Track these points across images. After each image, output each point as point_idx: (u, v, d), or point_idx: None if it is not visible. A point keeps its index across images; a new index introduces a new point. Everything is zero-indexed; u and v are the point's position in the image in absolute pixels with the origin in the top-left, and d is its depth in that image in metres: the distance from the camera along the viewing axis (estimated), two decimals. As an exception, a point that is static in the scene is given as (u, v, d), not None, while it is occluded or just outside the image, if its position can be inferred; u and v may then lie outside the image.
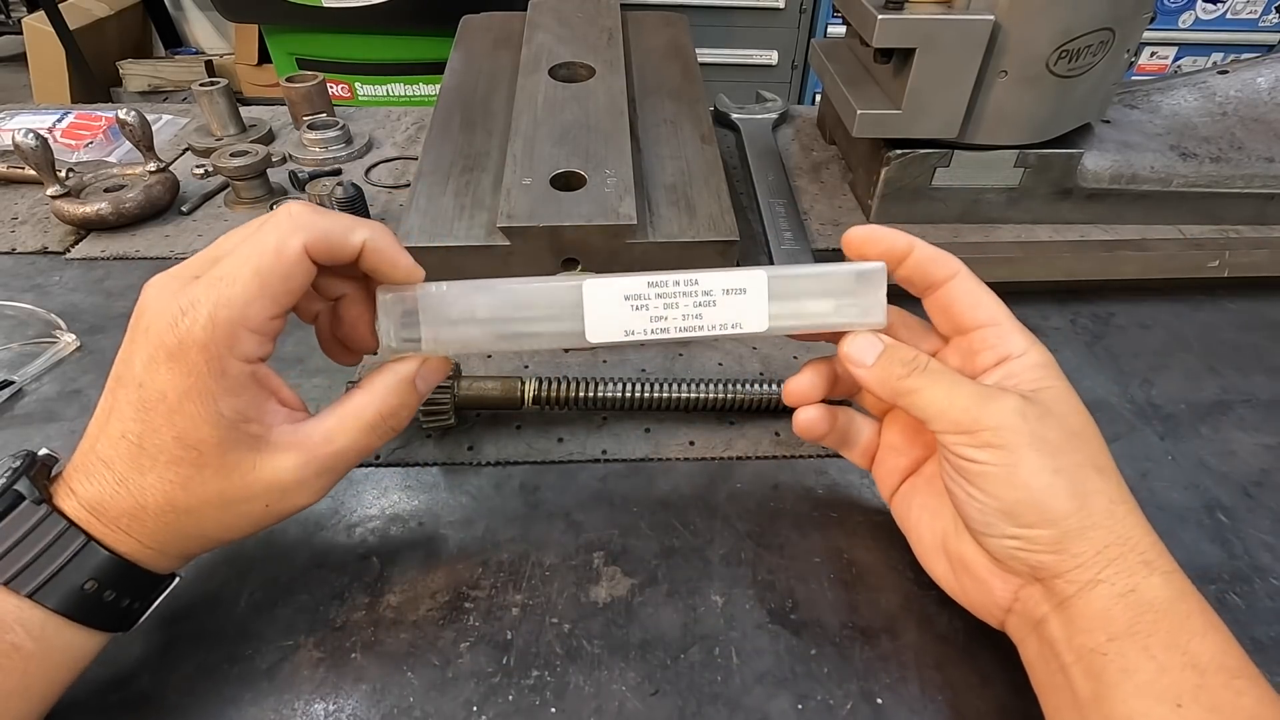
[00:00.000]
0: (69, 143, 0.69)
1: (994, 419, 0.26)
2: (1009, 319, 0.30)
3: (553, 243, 0.47)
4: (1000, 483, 0.26)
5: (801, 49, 2.00)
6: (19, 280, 0.53)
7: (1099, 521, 0.26)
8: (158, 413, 0.25)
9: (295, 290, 0.27)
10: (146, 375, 0.25)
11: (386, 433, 0.29)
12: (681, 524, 0.37)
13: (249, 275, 0.25)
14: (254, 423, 0.27)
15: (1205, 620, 0.25)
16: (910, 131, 0.54)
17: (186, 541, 0.27)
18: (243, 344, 0.26)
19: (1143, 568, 0.25)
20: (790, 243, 0.55)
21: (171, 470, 0.25)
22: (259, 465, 0.26)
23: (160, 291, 0.26)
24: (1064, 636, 0.26)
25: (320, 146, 0.67)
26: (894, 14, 0.49)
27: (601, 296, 0.28)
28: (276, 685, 0.30)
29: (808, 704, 0.30)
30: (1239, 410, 0.45)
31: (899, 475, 0.34)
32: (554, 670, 0.31)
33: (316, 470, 0.28)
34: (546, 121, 0.54)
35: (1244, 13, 1.98)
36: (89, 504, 0.26)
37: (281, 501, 0.27)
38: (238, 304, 0.25)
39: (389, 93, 1.82)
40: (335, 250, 0.27)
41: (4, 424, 0.42)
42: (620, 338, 0.28)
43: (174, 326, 0.25)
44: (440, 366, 0.30)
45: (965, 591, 0.30)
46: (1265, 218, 0.60)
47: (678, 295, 0.28)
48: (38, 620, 0.25)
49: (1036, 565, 0.26)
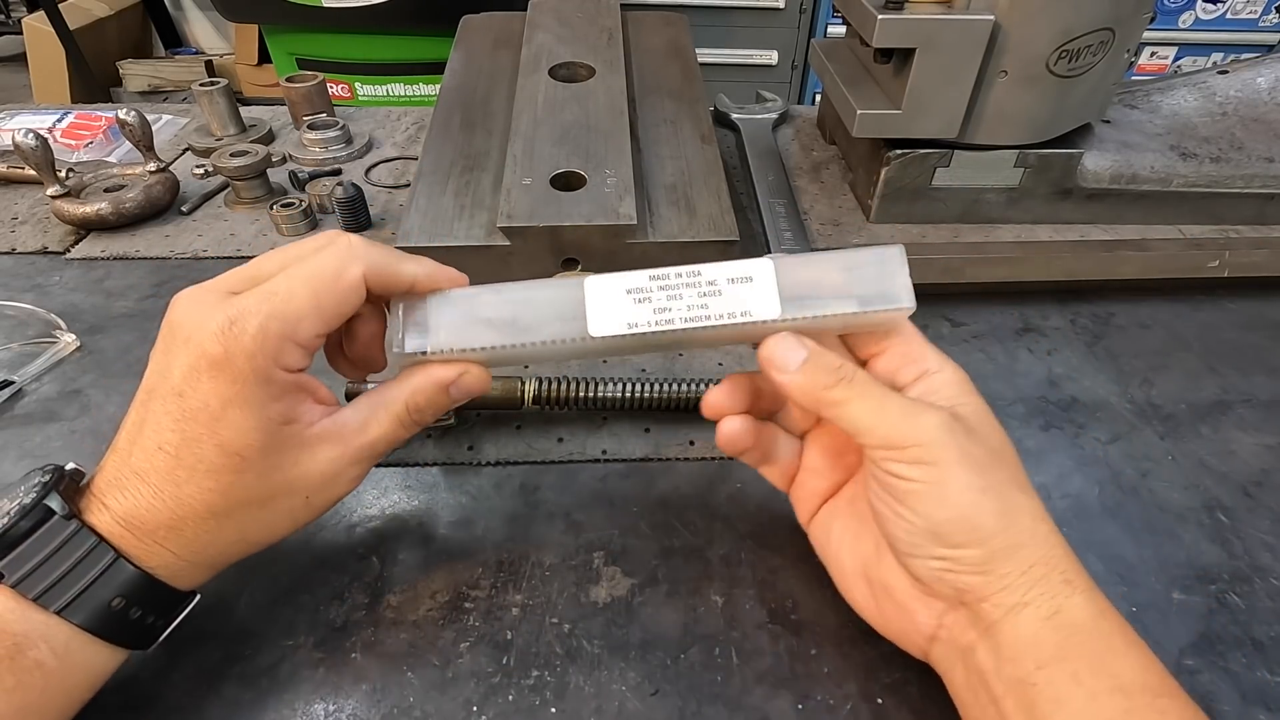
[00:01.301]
0: (69, 143, 0.69)
1: (924, 434, 0.26)
2: (920, 337, 0.29)
3: (553, 243, 0.47)
4: (929, 500, 0.26)
5: (801, 49, 2.00)
6: (19, 280, 0.53)
7: (1025, 540, 0.25)
8: (199, 422, 0.25)
9: (345, 314, 0.28)
10: (187, 385, 0.25)
11: (412, 426, 0.30)
12: (681, 524, 0.37)
13: (306, 293, 0.26)
14: (295, 423, 0.27)
15: (1125, 638, 0.25)
16: (910, 131, 0.54)
17: (225, 547, 0.28)
18: (288, 356, 0.26)
19: (1065, 587, 0.25)
20: (790, 243, 0.55)
21: (211, 479, 0.26)
22: (300, 460, 0.27)
23: (197, 304, 0.26)
24: (993, 666, 0.25)
25: (320, 146, 0.67)
26: (894, 14, 0.49)
27: (603, 291, 0.28)
28: (276, 685, 0.30)
29: (808, 704, 0.30)
30: (1239, 410, 0.45)
31: (818, 499, 0.33)
32: (554, 670, 0.31)
33: (352, 459, 0.28)
34: (546, 121, 0.54)
35: (1244, 13, 1.98)
36: (123, 518, 0.26)
37: (321, 493, 0.28)
38: (291, 318, 0.26)
39: (389, 93, 1.82)
40: (388, 283, 0.28)
41: (4, 424, 0.42)
42: (623, 330, 0.27)
43: (221, 335, 0.25)
44: (479, 379, 0.29)
45: (887, 619, 0.30)
46: (1265, 218, 0.60)
47: (681, 287, 0.28)
48: (63, 637, 0.25)
49: (963, 588, 0.26)
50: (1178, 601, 0.34)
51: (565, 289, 0.28)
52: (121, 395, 0.44)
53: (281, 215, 0.57)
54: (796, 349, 0.27)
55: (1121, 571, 0.36)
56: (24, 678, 0.24)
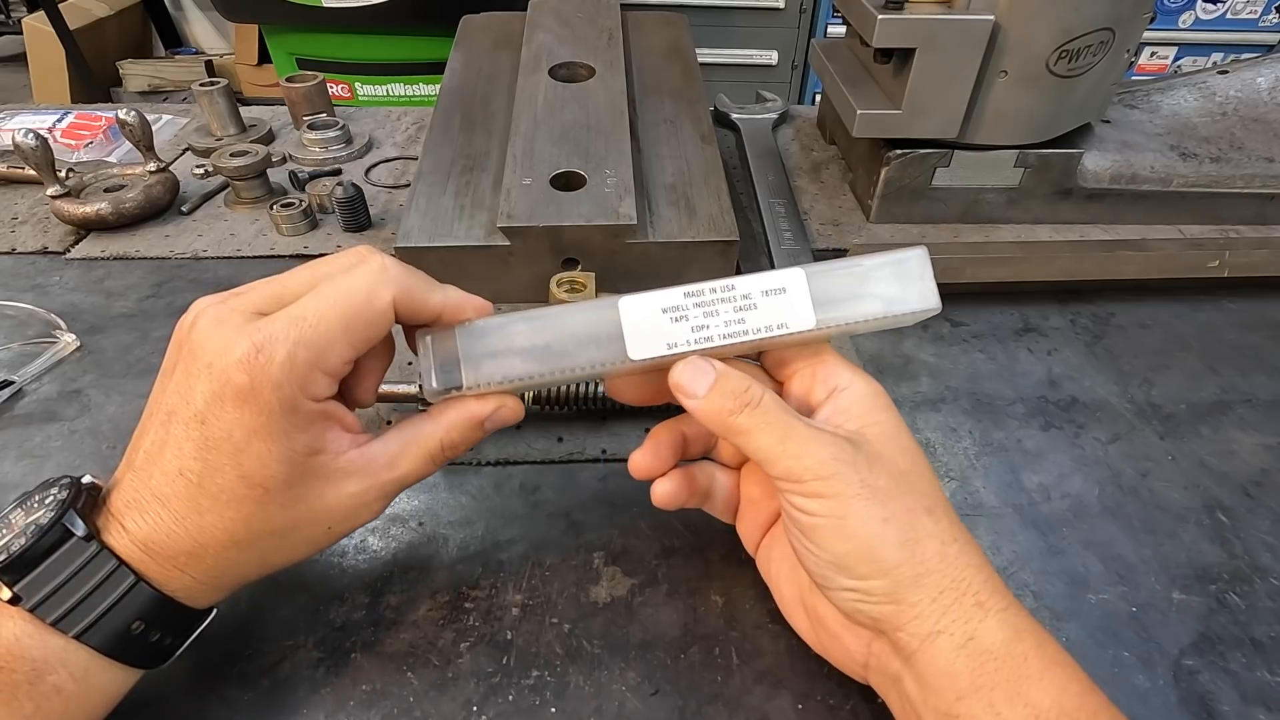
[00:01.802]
0: (69, 143, 0.69)
1: (823, 468, 0.25)
2: (832, 353, 0.29)
3: (553, 243, 0.47)
4: (830, 534, 0.25)
5: (801, 49, 2.00)
6: (19, 280, 0.53)
7: (932, 567, 0.25)
8: (222, 452, 0.24)
9: (373, 340, 0.27)
10: (210, 413, 0.24)
11: (444, 462, 0.29)
12: (681, 524, 0.37)
13: (335, 318, 0.25)
14: (321, 454, 0.26)
15: (1042, 660, 0.24)
16: (910, 131, 0.54)
17: (245, 571, 0.27)
18: (316, 385, 0.25)
19: (977, 610, 0.24)
20: (790, 243, 0.55)
21: (233, 509, 0.25)
22: (325, 493, 0.26)
23: (220, 325, 0.25)
24: (919, 697, 0.25)
25: (320, 146, 0.67)
26: (894, 14, 0.49)
27: (638, 311, 0.27)
28: (277, 685, 0.30)
29: (808, 704, 0.30)
30: (1239, 410, 0.45)
31: (760, 529, 0.32)
32: (554, 670, 0.31)
33: (379, 493, 0.28)
34: (546, 121, 0.54)
35: (1244, 13, 1.98)
36: (142, 542, 0.25)
37: (343, 523, 0.28)
38: (320, 346, 0.25)
39: (389, 93, 1.82)
40: (417, 309, 0.27)
41: (4, 424, 0.42)
42: (664, 351, 0.27)
43: (246, 364, 0.24)
44: (514, 411, 0.29)
45: (825, 647, 0.30)
46: (1265, 218, 0.60)
47: (716, 303, 0.27)
48: (82, 662, 0.25)
49: (878, 617, 0.25)
50: (1178, 601, 0.34)
51: (599, 311, 0.27)
52: (121, 395, 0.44)
53: (281, 215, 0.57)
54: (703, 373, 0.27)
55: (1121, 571, 0.36)
56: (43, 703, 0.24)
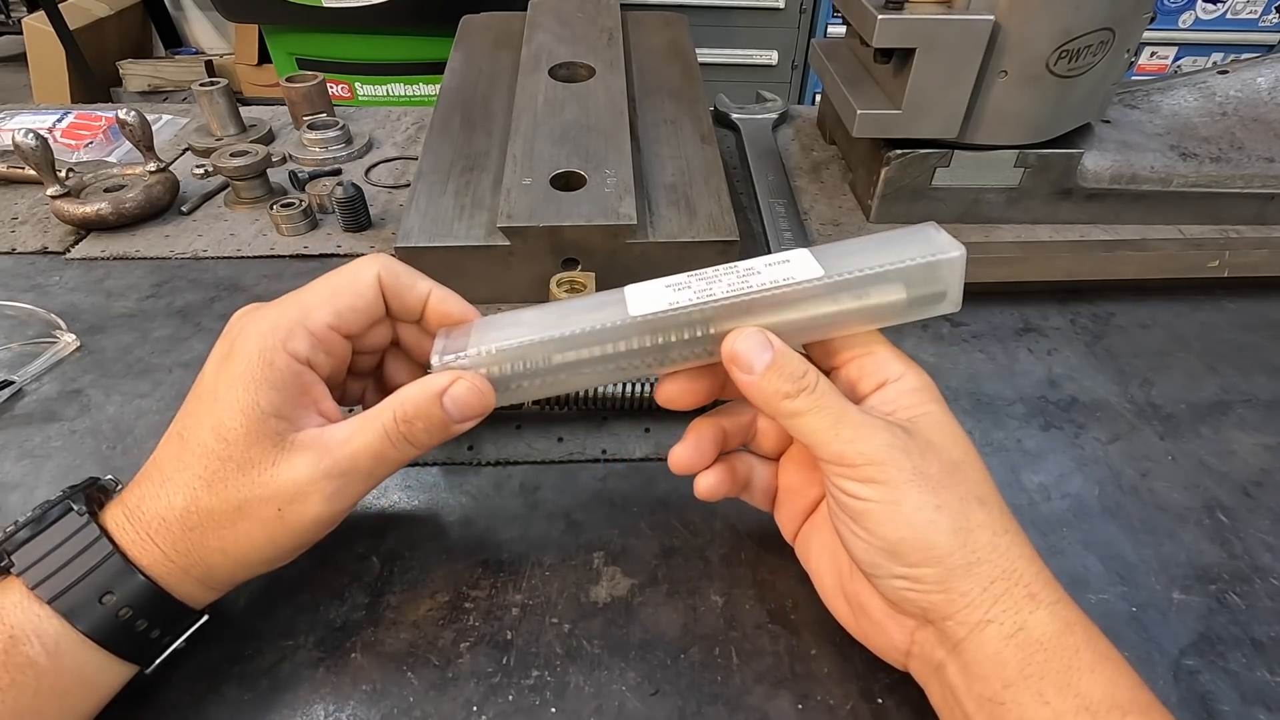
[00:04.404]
0: (69, 143, 0.69)
1: (876, 453, 0.25)
2: (884, 344, 0.29)
3: (553, 243, 0.47)
4: (881, 520, 0.25)
5: (801, 49, 2.00)
6: (19, 280, 0.53)
7: (984, 556, 0.25)
8: (204, 402, 0.27)
9: (361, 311, 0.29)
10: (210, 369, 0.28)
11: (401, 442, 0.28)
12: (681, 524, 0.37)
13: (322, 286, 0.29)
14: (284, 420, 0.27)
15: (1094, 653, 0.24)
16: (910, 131, 0.54)
17: (208, 557, 0.27)
18: (296, 340, 0.28)
19: (1028, 601, 0.25)
20: (790, 243, 0.55)
21: (201, 464, 0.26)
22: (278, 462, 0.27)
23: (245, 309, 0.29)
24: (963, 685, 0.25)
25: (320, 146, 0.67)
26: (894, 14, 0.49)
27: (642, 289, 0.29)
28: (277, 685, 0.30)
29: (808, 704, 0.30)
30: (1239, 410, 0.45)
31: (800, 517, 0.33)
32: (554, 670, 0.31)
33: (328, 470, 0.27)
34: (546, 121, 0.54)
35: (1244, 13, 1.98)
36: (128, 508, 0.27)
37: (292, 506, 0.27)
38: (305, 305, 0.28)
39: (389, 93, 1.82)
40: (402, 292, 0.30)
41: (4, 424, 0.42)
42: (664, 306, 0.27)
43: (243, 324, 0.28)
44: (476, 390, 0.28)
45: (865, 634, 0.30)
46: (1265, 218, 0.60)
47: (719, 276, 0.28)
48: (52, 633, 0.25)
49: (926, 606, 0.25)
50: (1178, 601, 0.34)
51: (607, 294, 0.29)
52: (121, 395, 0.44)
53: (281, 215, 0.57)
54: (762, 347, 0.27)
55: (1121, 571, 0.36)
56: (17, 675, 0.24)
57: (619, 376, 0.29)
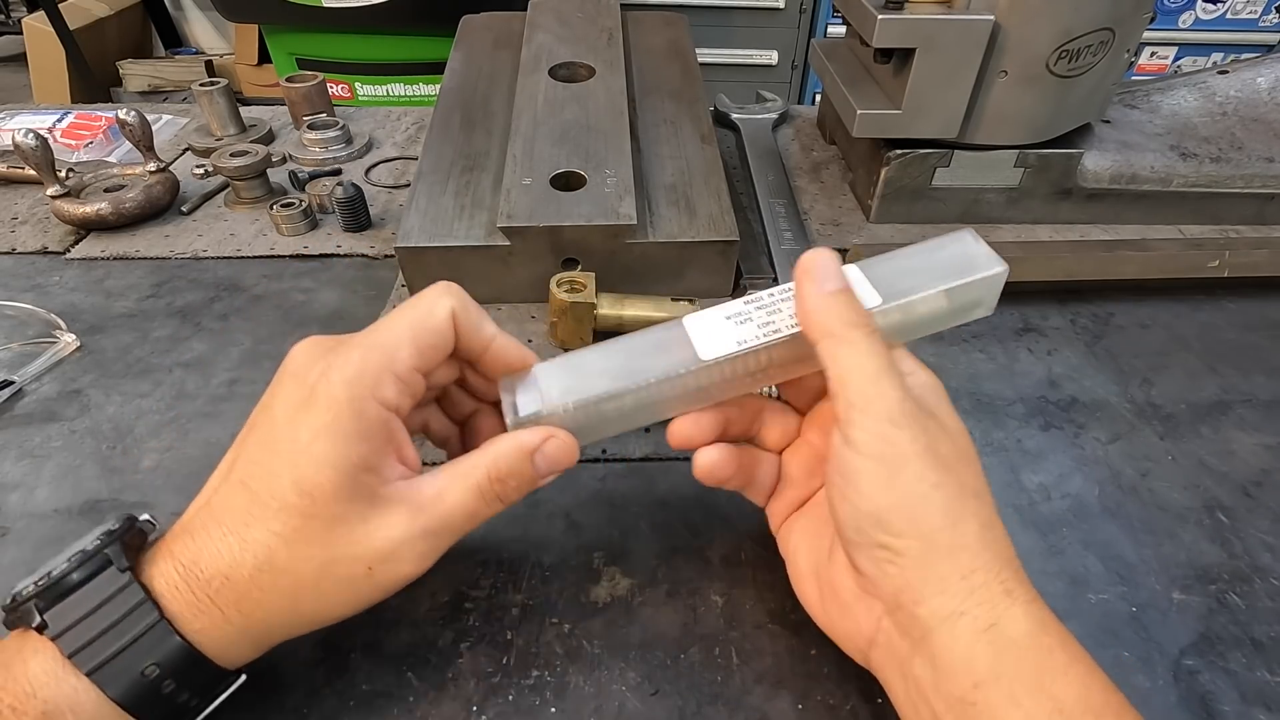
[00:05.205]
0: (69, 143, 0.69)
1: (902, 415, 0.25)
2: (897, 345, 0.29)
3: (553, 243, 0.47)
4: (877, 483, 0.25)
5: (801, 49, 2.00)
6: (19, 280, 0.53)
7: (969, 544, 0.25)
8: (279, 453, 0.25)
9: (439, 348, 0.28)
10: (283, 415, 0.25)
11: (493, 500, 0.28)
12: (681, 524, 0.37)
13: (402, 326, 0.27)
14: (373, 473, 0.25)
15: (1067, 654, 0.24)
16: (910, 131, 0.54)
17: (273, 617, 0.25)
18: (385, 387, 0.26)
19: (1005, 598, 0.24)
20: (790, 243, 0.55)
21: (279, 520, 0.24)
22: (369, 519, 0.25)
23: (311, 346, 0.27)
24: (931, 681, 0.24)
25: (320, 146, 0.67)
26: (894, 14, 0.49)
27: (703, 322, 0.29)
28: (276, 686, 0.30)
29: (808, 704, 0.30)
30: (1239, 410, 0.45)
31: (791, 507, 0.33)
32: (554, 670, 0.31)
33: (423, 530, 0.26)
34: (546, 121, 0.54)
35: (1244, 13, 1.98)
36: (182, 564, 0.24)
37: (385, 565, 0.25)
38: (388, 348, 0.26)
39: (389, 93, 1.82)
40: (472, 330, 0.29)
41: (4, 424, 0.42)
42: (734, 349, 0.28)
43: (325, 366, 0.26)
44: (566, 447, 0.28)
45: (831, 619, 0.29)
46: (1265, 218, 0.60)
47: (778, 303, 0.29)
48: (89, 707, 0.23)
49: (900, 585, 0.25)
50: (1178, 601, 0.34)
51: (666, 329, 0.29)
52: (121, 395, 0.44)
53: (281, 215, 0.57)
54: (836, 273, 0.27)
55: (1121, 571, 0.36)
56: None
57: (682, 410, 0.30)
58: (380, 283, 0.53)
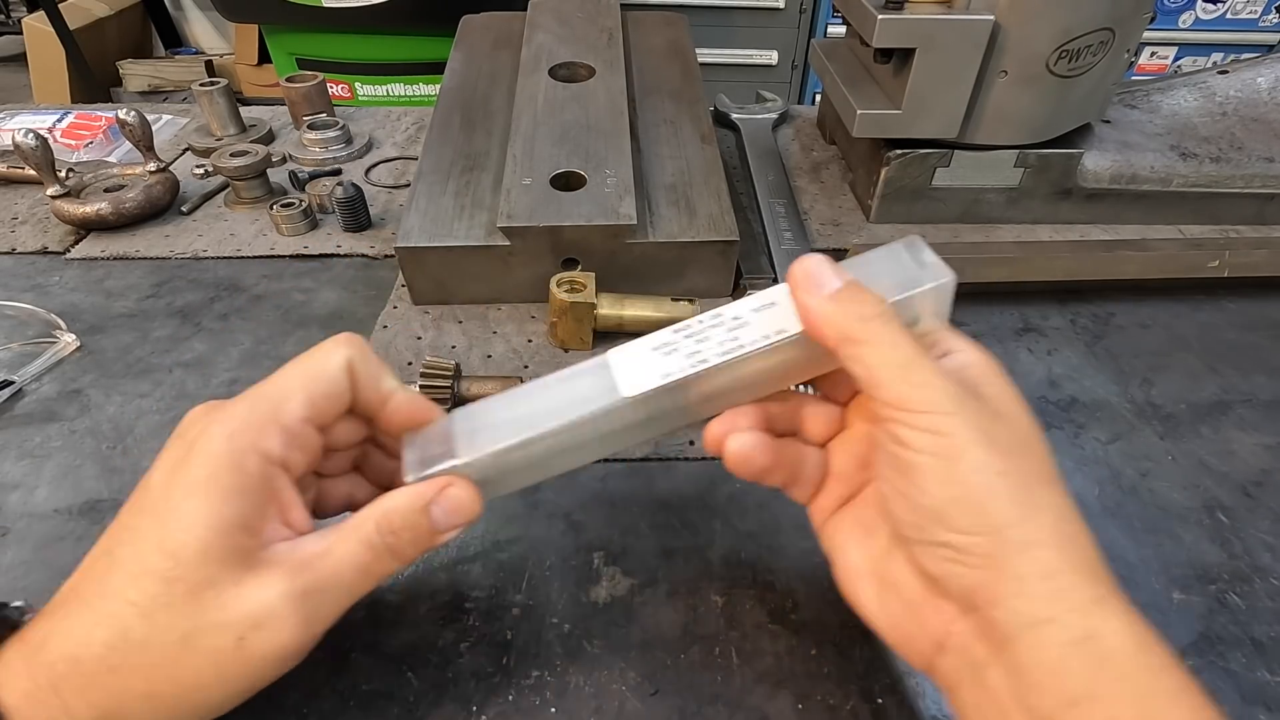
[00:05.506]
0: (69, 143, 0.69)
1: (946, 402, 0.23)
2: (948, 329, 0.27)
3: (553, 243, 0.47)
4: (935, 476, 0.23)
5: (801, 49, 2.00)
6: (19, 280, 0.53)
7: (1046, 539, 0.22)
8: (147, 515, 0.23)
9: (333, 398, 0.26)
10: (159, 476, 0.24)
11: (385, 555, 0.25)
12: (681, 524, 0.37)
13: (292, 376, 0.26)
14: (250, 533, 0.23)
15: (1176, 680, 0.21)
16: (910, 131, 0.54)
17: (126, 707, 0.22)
18: (269, 438, 0.24)
19: (1096, 605, 0.21)
20: (790, 242, 0.55)
21: (137, 587, 0.22)
22: (242, 581, 0.23)
23: (203, 407, 0.26)
24: (1011, 694, 0.22)
25: (320, 146, 0.67)
26: (894, 14, 0.49)
27: (626, 355, 0.27)
28: (275, 686, 0.30)
29: (808, 704, 0.30)
30: (1239, 410, 0.45)
31: (839, 502, 0.30)
32: (554, 670, 0.31)
33: (303, 589, 0.24)
34: (546, 121, 0.54)
35: (1244, 13, 1.98)
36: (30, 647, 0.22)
37: (257, 634, 0.23)
38: (275, 398, 0.25)
39: (389, 93, 1.82)
40: (369, 382, 0.27)
41: (4, 424, 0.42)
42: (659, 382, 0.26)
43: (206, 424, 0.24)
44: (465, 499, 0.26)
45: (892, 621, 0.26)
46: (1265, 218, 0.60)
47: (705, 330, 0.27)
48: None
49: (972, 586, 0.22)
50: (1178, 601, 0.34)
51: (588, 368, 0.27)
52: (121, 395, 0.44)
53: (281, 215, 0.57)
54: (833, 274, 0.25)
55: (1121, 571, 0.35)
56: None
57: (610, 451, 0.28)
58: (380, 283, 0.53)
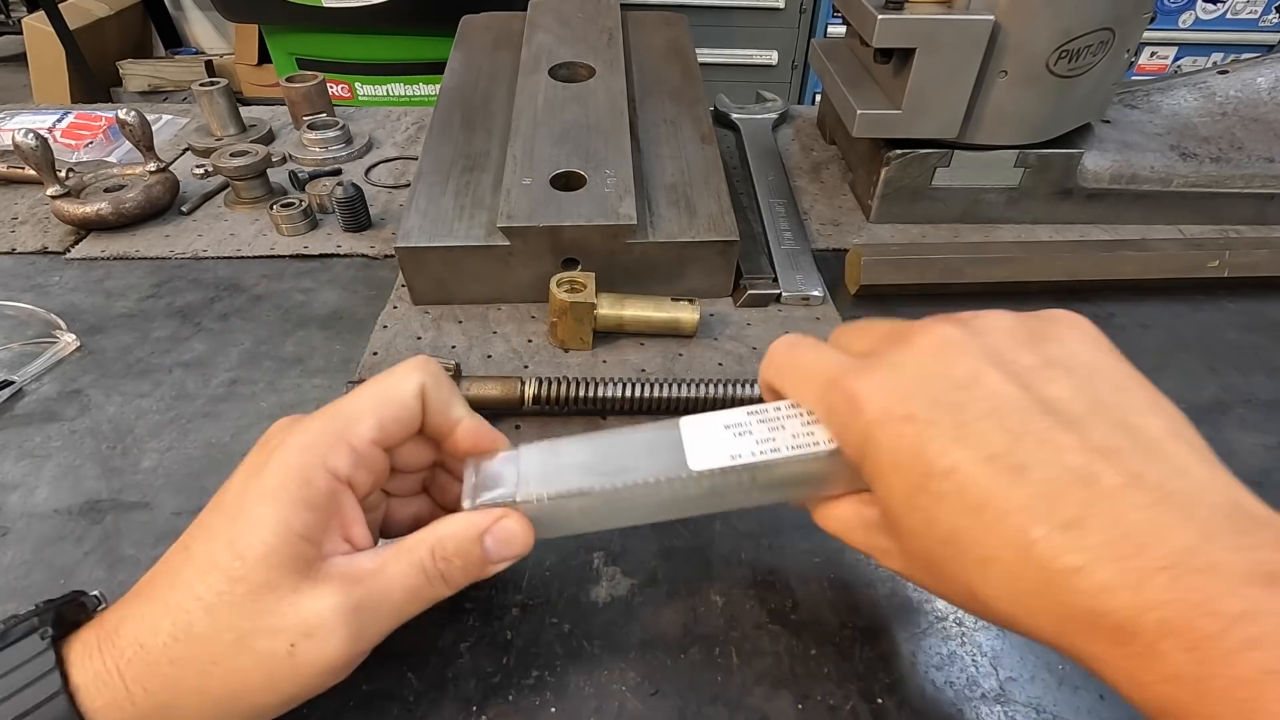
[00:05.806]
0: (69, 143, 0.69)
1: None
2: None
3: (553, 243, 0.47)
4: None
5: (801, 49, 2.00)
6: (19, 280, 0.53)
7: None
8: (223, 515, 0.25)
9: (403, 422, 0.27)
10: (239, 480, 0.25)
11: (437, 580, 0.26)
12: (681, 524, 0.37)
13: (366, 397, 0.27)
14: (312, 544, 0.24)
15: None
16: (910, 131, 0.54)
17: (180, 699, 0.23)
18: (338, 455, 0.25)
19: None
20: (790, 243, 0.55)
21: (204, 582, 0.23)
22: (300, 589, 0.24)
23: (287, 419, 0.27)
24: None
25: (320, 146, 0.67)
26: (894, 14, 0.49)
27: (699, 427, 0.27)
28: (276, 685, 0.30)
29: (808, 704, 0.30)
30: (1239, 410, 0.45)
31: None
32: (554, 670, 0.31)
33: (356, 604, 0.24)
34: (546, 121, 0.54)
35: (1244, 13, 1.98)
36: (105, 630, 0.23)
37: (308, 642, 0.24)
38: (348, 418, 0.26)
39: (389, 93, 1.82)
40: (440, 407, 0.28)
41: (4, 424, 0.42)
42: (726, 462, 0.26)
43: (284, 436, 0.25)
44: (518, 532, 0.26)
45: None
46: (1265, 218, 0.60)
47: (782, 419, 0.26)
48: None
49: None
50: (1178, 601, 0.34)
51: (658, 429, 0.27)
52: (121, 395, 0.44)
53: (281, 215, 0.57)
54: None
55: (1121, 571, 0.36)
56: None
57: (664, 518, 0.28)
58: (380, 283, 0.53)
